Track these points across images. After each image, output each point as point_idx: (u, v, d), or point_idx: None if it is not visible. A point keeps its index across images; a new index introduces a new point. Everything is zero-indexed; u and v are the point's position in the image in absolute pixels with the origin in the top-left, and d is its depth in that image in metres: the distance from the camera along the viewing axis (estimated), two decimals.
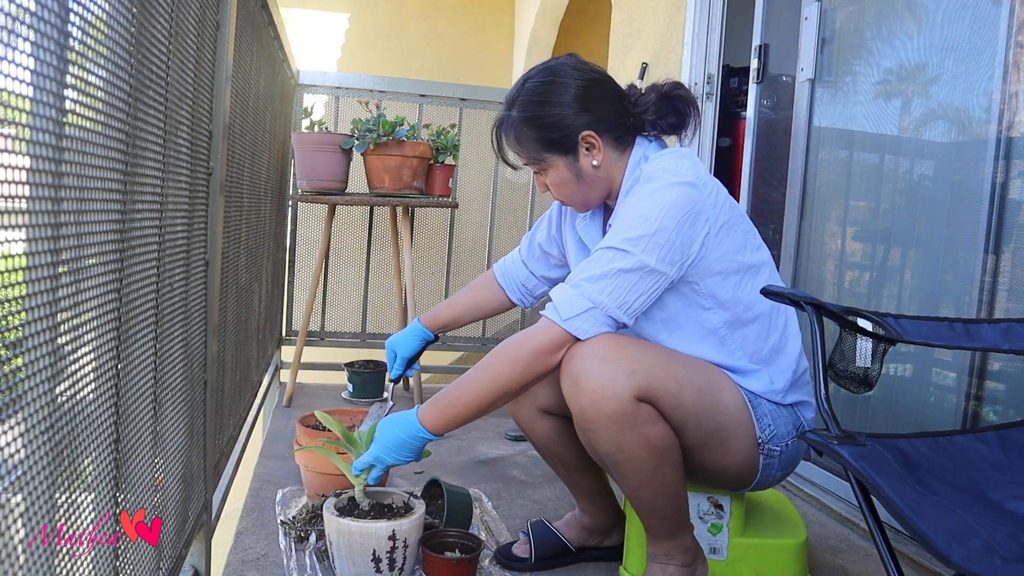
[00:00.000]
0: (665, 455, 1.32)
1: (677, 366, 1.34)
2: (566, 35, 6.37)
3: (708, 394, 1.35)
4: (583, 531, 1.64)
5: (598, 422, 1.29)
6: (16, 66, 0.60)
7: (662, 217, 1.31)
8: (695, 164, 1.40)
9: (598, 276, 1.31)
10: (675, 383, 1.31)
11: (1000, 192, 1.64)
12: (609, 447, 1.31)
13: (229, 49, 1.45)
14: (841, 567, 1.72)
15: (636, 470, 1.32)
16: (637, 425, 1.28)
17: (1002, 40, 1.64)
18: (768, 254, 1.46)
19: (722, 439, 1.36)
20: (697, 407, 1.33)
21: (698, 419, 1.33)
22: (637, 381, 1.27)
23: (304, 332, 2.75)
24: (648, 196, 1.34)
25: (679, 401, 1.31)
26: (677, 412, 1.31)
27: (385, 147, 2.60)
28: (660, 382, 1.29)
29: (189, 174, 1.25)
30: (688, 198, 1.32)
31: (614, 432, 1.29)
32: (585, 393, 1.28)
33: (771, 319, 1.43)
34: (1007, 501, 1.11)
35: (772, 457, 1.40)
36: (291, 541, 1.61)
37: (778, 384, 1.42)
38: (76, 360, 0.78)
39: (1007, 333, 1.26)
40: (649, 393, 1.28)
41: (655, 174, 1.36)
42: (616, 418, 1.28)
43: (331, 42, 6.42)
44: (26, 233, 0.64)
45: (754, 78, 2.62)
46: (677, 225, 1.31)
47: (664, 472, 1.33)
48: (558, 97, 1.43)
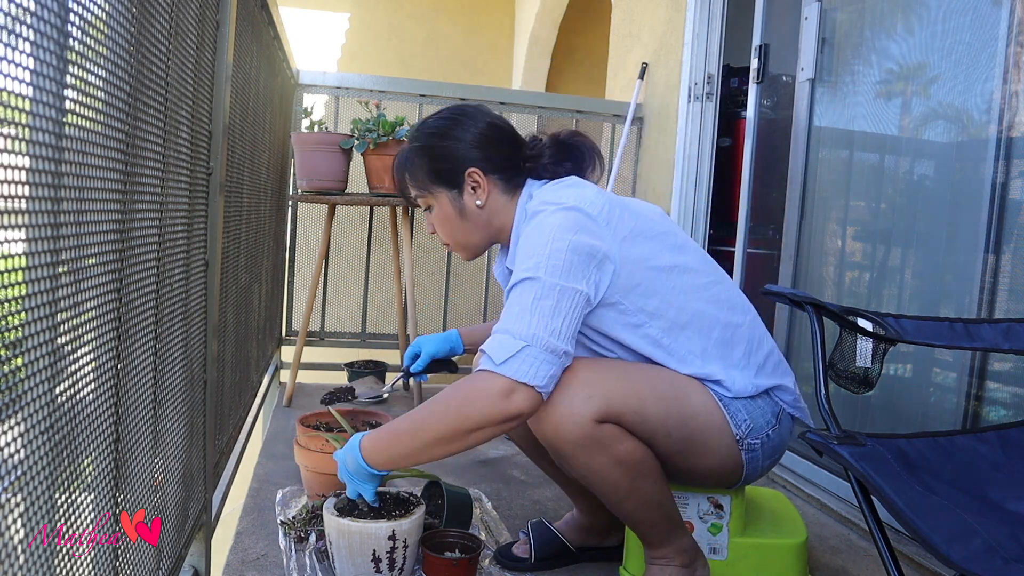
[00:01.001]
0: (639, 468, 1.32)
1: (637, 380, 1.33)
2: (566, 35, 6.38)
3: (674, 402, 1.34)
4: (582, 531, 1.64)
5: (564, 449, 1.30)
6: (16, 66, 0.60)
7: (551, 240, 1.29)
8: (579, 190, 1.38)
9: (516, 314, 1.26)
10: (635, 398, 1.30)
11: (1000, 192, 1.64)
12: (581, 470, 1.32)
13: (229, 49, 1.45)
14: (841, 567, 1.72)
15: (613, 488, 1.33)
16: (603, 446, 1.29)
17: (1002, 40, 1.64)
18: (693, 252, 1.43)
19: (697, 443, 1.35)
20: (664, 417, 1.32)
21: (667, 428, 1.33)
22: (595, 404, 1.27)
23: (304, 332, 2.75)
24: (535, 228, 1.33)
25: (643, 415, 1.30)
26: (644, 426, 1.31)
27: (385, 147, 2.60)
28: (619, 400, 1.29)
29: (189, 174, 1.25)
30: (573, 220, 1.31)
31: (582, 456, 1.30)
32: (546, 424, 1.29)
33: (707, 315, 1.40)
34: (1007, 501, 1.11)
35: (754, 451, 1.39)
36: (291, 541, 1.61)
37: (739, 382, 1.39)
38: (76, 360, 0.78)
39: (1007, 333, 1.26)
40: (610, 413, 1.28)
41: (537, 207, 1.37)
42: (581, 443, 1.28)
43: (331, 42, 6.42)
44: (26, 233, 0.64)
45: (754, 78, 2.62)
46: (570, 244, 1.28)
47: (642, 485, 1.33)
48: (454, 133, 1.46)
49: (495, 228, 1.49)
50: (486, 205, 1.46)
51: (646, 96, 3.33)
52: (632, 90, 3.33)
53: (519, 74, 6.55)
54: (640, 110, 3.34)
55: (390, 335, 3.32)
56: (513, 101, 3.34)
